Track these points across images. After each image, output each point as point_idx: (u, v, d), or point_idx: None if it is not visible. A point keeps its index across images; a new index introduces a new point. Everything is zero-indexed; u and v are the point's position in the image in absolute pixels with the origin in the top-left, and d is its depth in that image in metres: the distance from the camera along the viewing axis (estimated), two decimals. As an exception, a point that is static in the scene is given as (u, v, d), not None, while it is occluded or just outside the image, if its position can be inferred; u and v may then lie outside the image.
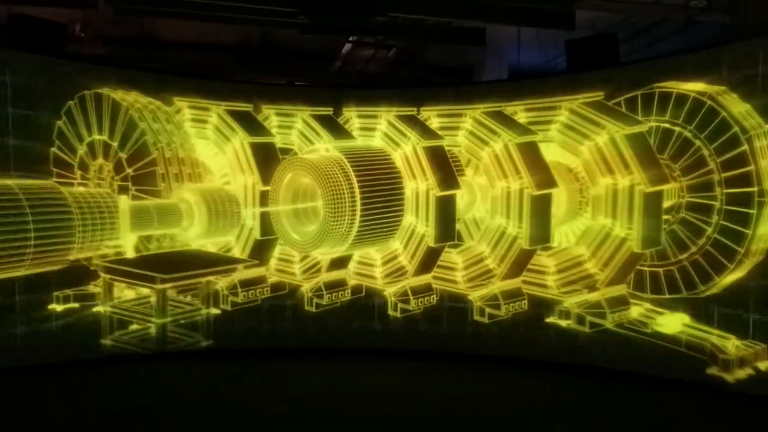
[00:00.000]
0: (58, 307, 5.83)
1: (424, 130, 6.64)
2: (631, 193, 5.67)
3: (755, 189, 5.04)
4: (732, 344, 5.20)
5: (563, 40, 6.46)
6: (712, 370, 5.30)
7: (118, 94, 6.11)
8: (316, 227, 6.39)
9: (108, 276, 5.93)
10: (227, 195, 6.44)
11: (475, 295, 6.59)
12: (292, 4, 6.77)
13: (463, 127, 6.58)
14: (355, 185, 6.42)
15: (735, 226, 5.13)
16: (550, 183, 6.18)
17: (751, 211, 5.05)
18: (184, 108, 6.45)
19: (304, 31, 7.03)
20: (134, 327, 6.12)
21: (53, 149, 5.82)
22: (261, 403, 4.93)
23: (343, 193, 6.30)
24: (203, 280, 6.25)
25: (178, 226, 6.25)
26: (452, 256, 6.68)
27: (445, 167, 6.57)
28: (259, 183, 6.57)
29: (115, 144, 6.15)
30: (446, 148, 6.58)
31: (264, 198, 6.54)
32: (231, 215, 6.40)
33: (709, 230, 5.31)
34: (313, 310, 6.75)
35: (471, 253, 6.65)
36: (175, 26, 9.01)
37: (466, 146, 6.58)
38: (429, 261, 6.71)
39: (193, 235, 6.38)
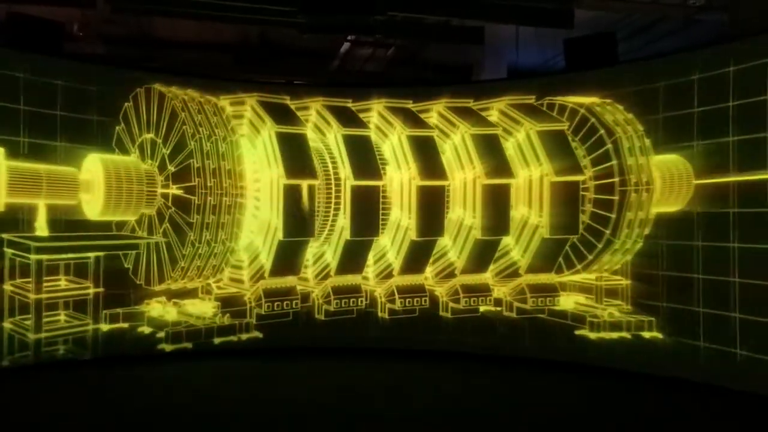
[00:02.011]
0: (104, 327, 5.84)
1: (411, 119, 6.56)
2: (540, 182, 6.23)
3: (617, 179, 5.89)
4: (607, 313, 5.92)
5: (562, 39, 6.47)
6: (581, 331, 6.03)
7: (165, 88, 6.06)
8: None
9: (10, 251, 5.46)
10: (137, 171, 5.81)
11: (441, 290, 6.61)
12: (291, 3, 6.77)
13: (429, 122, 6.65)
14: (332, 176, 6.36)
15: (602, 212, 5.97)
16: (503, 172, 6.34)
17: (614, 197, 5.85)
18: (226, 105, 6.40)
19: (302, 31, 7.03)
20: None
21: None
22: (258, 404, 4.92)
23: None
24: (90, 255, 5.73)
25: (73, 198, 5.61)
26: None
27: (430, 156, 6.45)
28: (282, 176, 6.22)
29: (159, 140, 6.01)
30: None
31: (290, 193, 6.21)
32: (137, 194, 5.79)
33: (584, 217, 6.07)
34: (322, 318, 6.60)
35: (437, 247, 6.62)
36: (173, 25, 9.00)
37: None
38: (416, 258, 6.54)
39: (94, 211, 5.75)
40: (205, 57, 10.09)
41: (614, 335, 5.81)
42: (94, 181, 5.66)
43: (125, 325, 5.99)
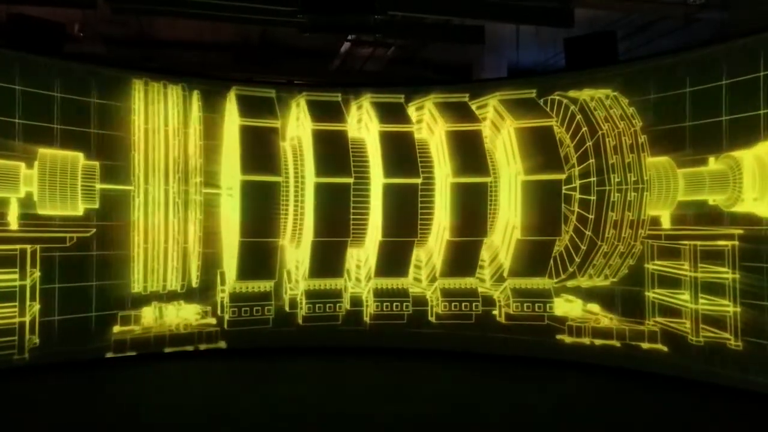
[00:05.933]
0: (116, 329, 5.87)
1: (391, 114, 6.41)
2: (515, 181, 6.03)
3: (592, 179, 5.62)
4: (593, 318, 5.77)
5: (562, 38, 6.47)
6: (560, 336, 5.91)
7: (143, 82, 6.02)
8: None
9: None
10: (73, 166, 5.70)
11: (431, 294, 6.44)
12: (291, 2, 6.77)
13: (424, 119, 6.56)
14: (300, 171, 6.17)
15: (583, 212, 5.72)
16: (473, 171, 6.11)
17: (590, 197, 5.60)
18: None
19: (303, 30, 7.02)
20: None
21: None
22: (255, 404, 4.93)
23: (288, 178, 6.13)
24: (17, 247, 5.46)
25: (17, 191, 5.49)
26: (419, 254, 6.50)
27: (400, 152, 6.22)
28: (238, 171, 5.98)
29: (133, 137, 6.00)
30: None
31: (249, 190, 5.98)
32: (71, 188, 5.68)
33: (573, 217, 5.83)
34: (301, 323, 6.43)
35: (427, 249, 6.51)
36: (173, 25, 9.00)
37: (423, 138, 6.50)
38: (390, 259, 6.27)
39: (38, 204, 5.59)
40: (205, 57, 10.10)
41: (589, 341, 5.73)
42: (33, 175, 5.58)
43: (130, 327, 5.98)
